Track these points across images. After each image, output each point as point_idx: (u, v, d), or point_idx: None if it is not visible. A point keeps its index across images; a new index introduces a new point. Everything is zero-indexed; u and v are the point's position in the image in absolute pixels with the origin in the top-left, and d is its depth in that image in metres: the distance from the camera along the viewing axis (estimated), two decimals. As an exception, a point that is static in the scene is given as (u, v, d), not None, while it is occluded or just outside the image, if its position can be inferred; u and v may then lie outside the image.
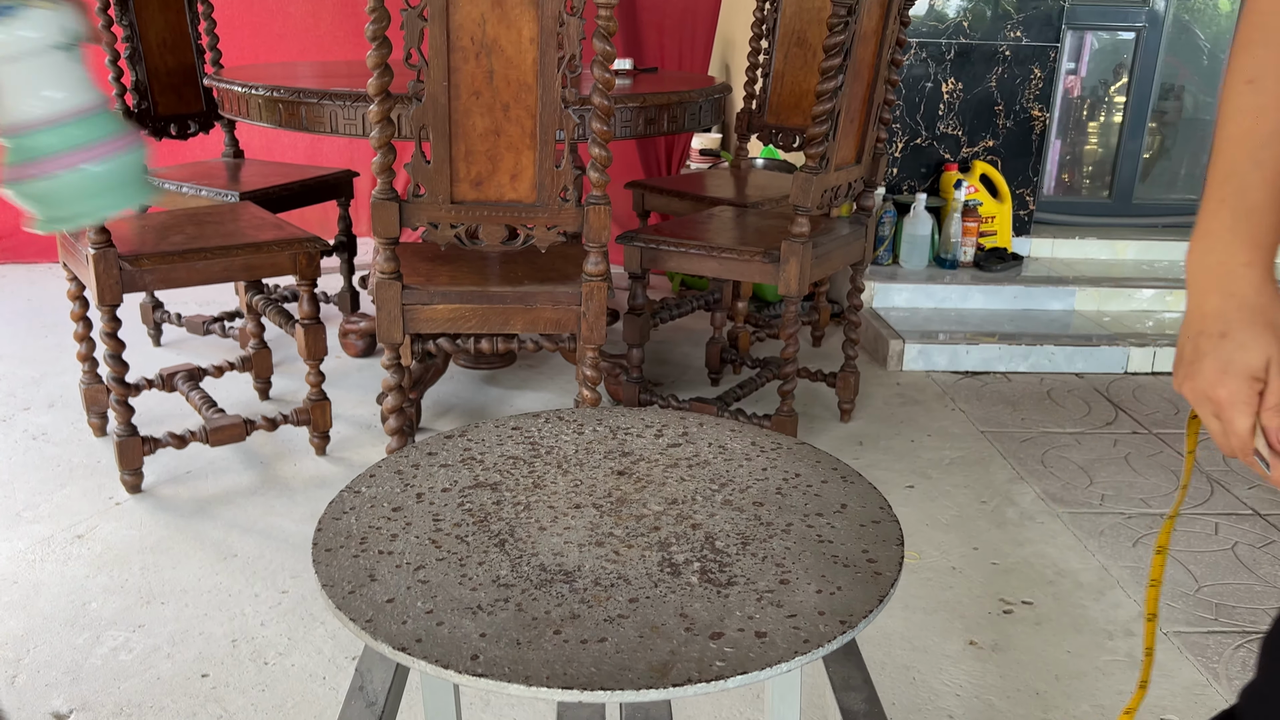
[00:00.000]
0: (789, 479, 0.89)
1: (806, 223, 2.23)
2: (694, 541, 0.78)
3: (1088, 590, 1.98)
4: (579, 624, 0.67)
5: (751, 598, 0.71)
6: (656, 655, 0.64)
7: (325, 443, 2.44)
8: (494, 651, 0.64)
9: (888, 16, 2.29)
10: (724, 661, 0.64)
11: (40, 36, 0.76)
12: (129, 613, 1.82)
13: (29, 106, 0.77)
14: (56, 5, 0.76)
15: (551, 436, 0.97)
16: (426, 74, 1.73)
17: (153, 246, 2.13)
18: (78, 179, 0.79)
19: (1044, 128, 3.66)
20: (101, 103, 0.80)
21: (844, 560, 0.77)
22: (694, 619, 0.68)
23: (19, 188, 0.79)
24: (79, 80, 0.79)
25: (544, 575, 0.73)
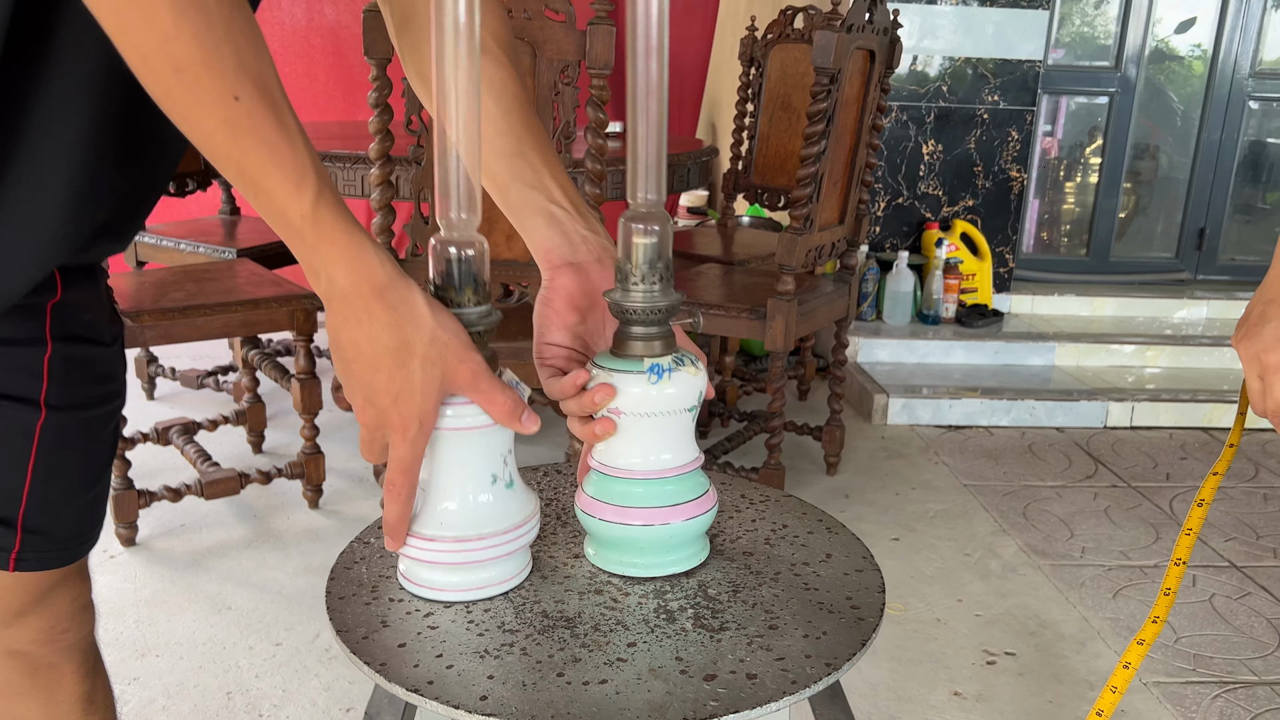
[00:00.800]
0: (776, 530, 0.94)
1: (792, 281, 2.30)
2: (688, 589, 0.82)
3: (1069, 641, 2.02)
4: (580, 667, 0.71)
5: (742, 642, 0.75)
6: (654, 696, 0.68)
7: (318, 496, 2.47)
8: (501, 693, 0.68)
9: (869, 84, 2.38)
10: (717, 701, 0.68)
11: (680, 400, 0.79)
12: (124, 665, 1.84)
13: (638, 458, 0.80)
14: (699, 370, 0.79)
15: (550, 489, 1.01)
16: (426, 139, 1.80)
17: (152, 303, 2.18)
18: (648, 535, 0.80)
19: (1022, 188, 3.76)
20: (697, 462, 0.82)
21: (829, 607, 0.81)
22: (689, 662, 0.73)
23: (590, 521, 0.82)
24: (688, 441, 0.81)
25: (546, 621, 0.77)
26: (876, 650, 1.96)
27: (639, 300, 0.77)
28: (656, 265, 0.77)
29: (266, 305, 2.26)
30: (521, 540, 0.80)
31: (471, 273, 0.75)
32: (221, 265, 2.57)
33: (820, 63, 2.14)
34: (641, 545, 0.82)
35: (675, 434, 0.81)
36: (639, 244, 0.76)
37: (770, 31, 3.13)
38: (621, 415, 0.79)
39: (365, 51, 1.73)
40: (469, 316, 0.75)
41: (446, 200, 0.73)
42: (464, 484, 0.78)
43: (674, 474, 0.81)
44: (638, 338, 0.78)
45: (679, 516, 0.81)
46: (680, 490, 0.81)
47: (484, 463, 0.78)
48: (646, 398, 0.78)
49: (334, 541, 2.31)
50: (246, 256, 2.80)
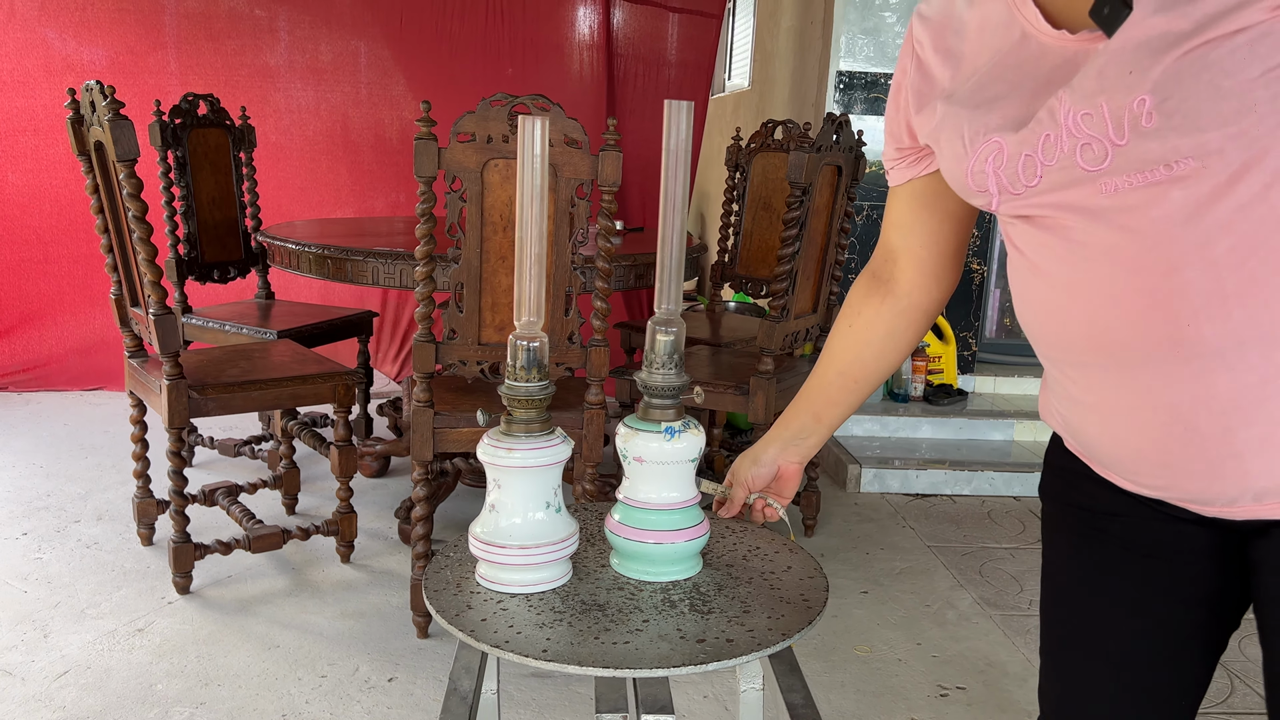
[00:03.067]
0: (751, 550, 1.25)
1: (771, 361, 2.64)
2: (685, 588, 1.14)
3: (1013, 678, 2.32)
4: (610, 634, 1.02)
5: (724, 620, 1.06)
6: (662, 651, 1.00)
7: (350, 551, 2.76)
8: (556, 648, 0.99)
9: (837, 193, 2.76)
10: (705, 655, 0.99)
11: (686, 453, 1.10)
12: (191, 692, 2.12)
13: (654, 494, 1.11)
14: (700, 432, 1.12)
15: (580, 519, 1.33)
16: (463, 242, 2.15)
17: (215, 378, 2.50)
18: (659, 550, 1.11)
19: (983, 279, 4.14)
20: (694, 499, 1.13)
21: (787, 599, 1.13)
22: (685, 632, 1.04)
23: (616, 539, 1.12)
24: (689, 482, 1.13)
25: (584, 606, 1.08)
26: (844, 684, 2.25)
27: (659, 380, 1.09)
28: (673, 356, 1.10)
29: (313, 380, 2.59)
30: (565, 551, 1.11)
31: (536, 358, 1.08)
32: (268, 345, 2.90)
33: (793, 178, 2.51)
34: (653, 557, 1.13)
35: (682, 478, 1.13)
36: (661, 340, 1.09)
37: (753, 141, 3.53)
38: (644, 463, 1.11)
39: (416, 172, 2.08)
40: (532, 389, 1.08)
41: (521, 308, 1.07)
42: (526, 506, 1.10)
43: (679, 507, 1.13)
44: (657, 407, 1.11)
45: (681, 538, 1.13)
46: (684, 519, 1.13)
47: (540, 492, 1.10)
48: (663, 450, 1.10)
49: (366, 591, 2.60)
50: (286, 337, 3.13)
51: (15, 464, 3.42)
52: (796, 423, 1.23)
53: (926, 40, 0.99)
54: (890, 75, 3.92)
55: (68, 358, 4.37)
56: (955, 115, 0.92)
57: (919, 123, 1.00)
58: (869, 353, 1.18)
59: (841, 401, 1.21)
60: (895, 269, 1.15)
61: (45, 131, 4.22)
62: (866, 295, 1.18)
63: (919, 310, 1.16)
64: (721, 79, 6.30)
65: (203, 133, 3.33)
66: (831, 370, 1.20)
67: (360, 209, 4.59)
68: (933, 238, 1.11)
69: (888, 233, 1.16)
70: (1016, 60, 0.88)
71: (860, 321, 1.18)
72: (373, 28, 4.48)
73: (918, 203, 1.10)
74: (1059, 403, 0.99)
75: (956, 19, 0.96)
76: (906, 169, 1.08)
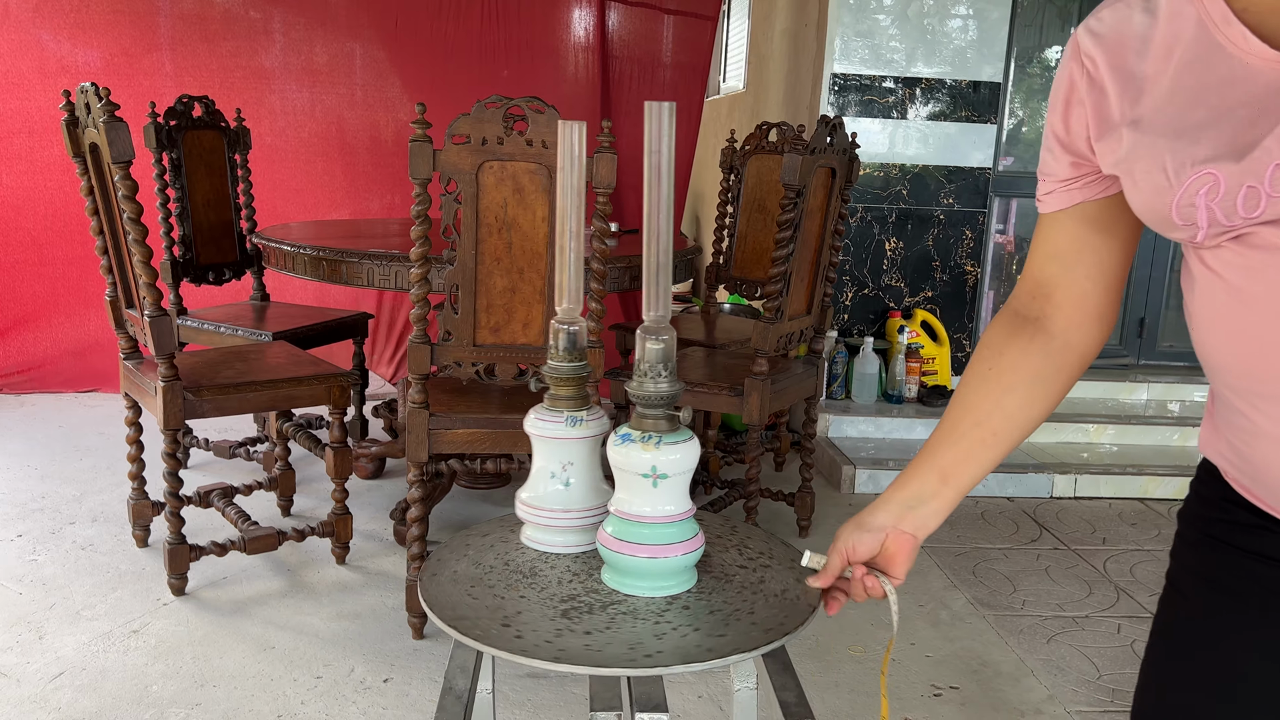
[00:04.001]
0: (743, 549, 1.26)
1: (766, 363, 2.65)
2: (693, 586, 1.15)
3: (1006, 678, 2.33)
4: (605, 634, 1.03)
5: (718, 620, 1.07)
6: (654, 650, 1.00)
7: (345, 553, 2.76)
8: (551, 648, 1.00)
9: (830, 195, 2.77)
10: (699, 654, 1.00)
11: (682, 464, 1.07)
12: (186, 694, 2.12)
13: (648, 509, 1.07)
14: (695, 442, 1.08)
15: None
16: (459, 244, 2.15)
17: (210, 380, 2.51)
18: (652, 565, 1.08)
19: (976, 280, 4.16)
20: (690, 512, 1.10)
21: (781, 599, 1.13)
22: (680, 632, 1.04)
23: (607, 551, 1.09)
24: (684, 496, 1.09)
25: (579, 607, 1.08)
26: (838, 684, 2.26)
27: (651, 389, 1.08)
28: (666, 364, 1.08)
29: (308, 382, 2.59)
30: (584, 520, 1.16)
31: (574, 340, 1.11)
32: (263, 346, 2.90)
33: (787, 180, 2.52)
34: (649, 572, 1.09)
35: (677, 489, 1.09)
36: (651, 348, 1.06)
37: (748, 143, 3.54)
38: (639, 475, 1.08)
39: (411, 174, 2.09)
40: (566, 369, 1.11)
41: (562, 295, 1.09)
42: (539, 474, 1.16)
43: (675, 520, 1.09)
44: (649, 417, 1.09)
45: (677, 552, 1.09)
46: (679, 533, 1.09)
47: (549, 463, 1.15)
48: (657, 462, 1.07)
49: (361, 592, 2.60)
50: (281, 338, 3.13)
51: (10, 466, 3.42)
52: (916, 483, 1.04)
53: (1100, 58, 0.89)
54: (885, 78, 3.94)
55: (62, 359, 4.37)
56: (1152, 145, 0.84)
57: (1101, 151, 0.91)
58: (1013, 401, 1.02)
59: (975, 458, 1.03)
60: (1049, 306, 1.01)
61: (40, 133, 4.22)
62: (1010, 335, 1.03)
63: (1074, 354, 1.02)
64: (716, 81, 6.32)
65: (197, 134, 3.33)
66: (966, 420, 1.02)
67: (355, 211, 4.60)
68: (1101, 269, 0.99)
69: (1042, 265, 1.02)
70: (1217, 83, 0.81)
71: (1003, 364, 1.02)
72: (368, 29, 4.48)
73: (1089, 228, 0.98)
74: (1235, 436, 0.89)
75: (1136, 37, 0.87)
76: (1078, 191, 0.96)
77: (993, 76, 3.99)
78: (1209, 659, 0.95)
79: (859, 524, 1.07)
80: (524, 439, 2.32)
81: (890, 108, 3.97)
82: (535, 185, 2.14)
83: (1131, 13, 0.88)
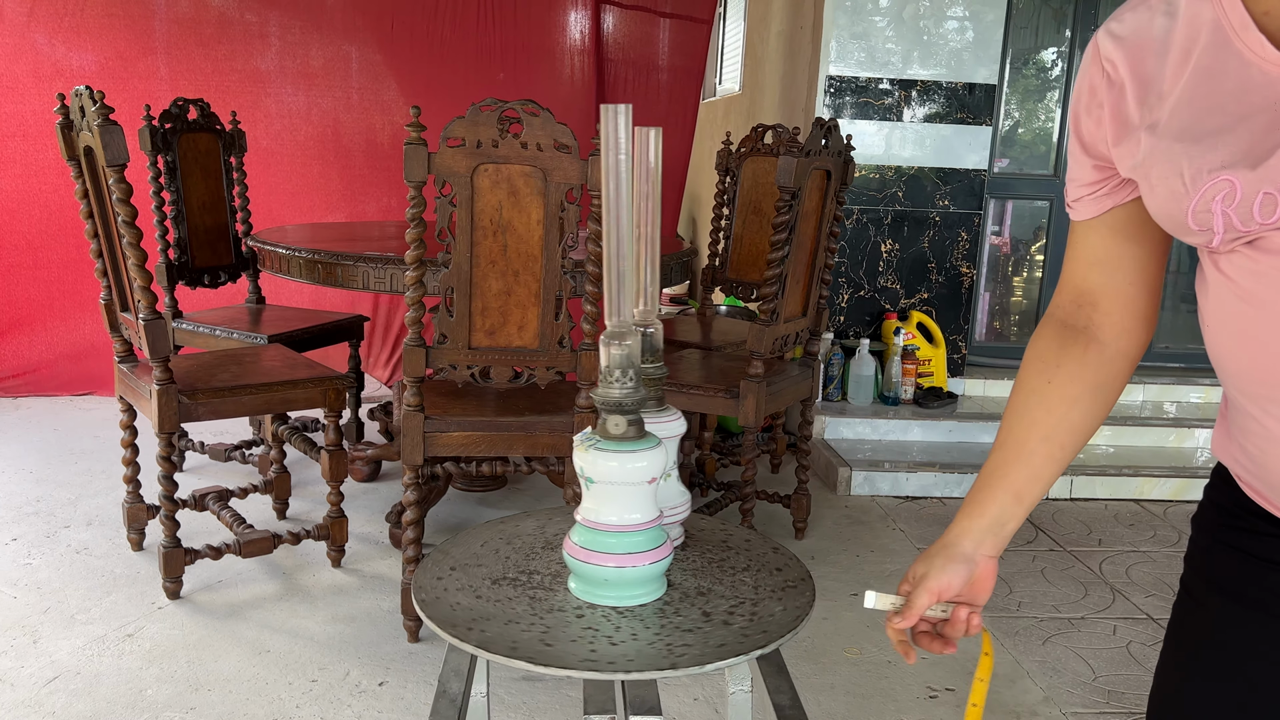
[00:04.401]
0: (738, 550, 1.26)
1: (761, 365, 2.65)
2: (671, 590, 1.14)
3: (1002, 679, 2.33)
4: (598, 637, 1.03)
5: (712, 623, 1.07)
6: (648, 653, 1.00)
7: (341, 556, 2.76)
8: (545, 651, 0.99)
9: (826, 197, 2.77)
10: (692, 658, 1.00)
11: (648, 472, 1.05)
12: (181, 698, 2.11)
13: (616, 517, 1.05)
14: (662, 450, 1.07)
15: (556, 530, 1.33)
16: (454, 247, 2.15)
17: (205, 383, 2.50)
18: (621, 574, 1.05)
19: (972, 282, 4.16)
20: (658, 519, 1.08)
21: (775, 602, 1.13)
22: (673, 635, 1.04)
23: (574, 563, 1.07)
24: (652, 504, 1.07)
25: (571, 609, 1.08)
26: (834, 686, 2.26)
27: (615, 395, 1.05)
28: (628, 370, 1.04)
29: (303, 385, 2.59)
30: None
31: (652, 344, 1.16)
32: (259, 349, 2.90)
33: (783, 182, 2.52)
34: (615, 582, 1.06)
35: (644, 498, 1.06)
36: (615, 354, 1.04)
37: (743, 146, 3.54)
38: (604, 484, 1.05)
39: (406, 177, 2.09)
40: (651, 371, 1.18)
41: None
42: None
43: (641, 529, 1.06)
44: (615, 424, 1.06)
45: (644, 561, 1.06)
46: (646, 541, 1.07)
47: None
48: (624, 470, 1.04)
49: (357, 595, 2.60)
50: (277, 341, 3.13)
51: (4, 469, 3.41)
52: (994, 506, 1.02)
53: (1121, 61, 0.89)
54: (880, 80, 3.94)
55: (58, 363, 4.36)
56: (1168, 150, 0.84)
57: (1119, 154, 0.91)
58: (1077, 413, 1.01)
59: (1045, 474, 1.02)
60: (1095, 313, 1.01)
61: (35, 137, 4.22)
62: (1063, 346, 1.02)
63: (1126, 359, 1.01)
64: (712, 83, 6.32)
65: (193, 137, 3.33)
66: (1034, 437, 1.01)
67: (352, 214, 4.59)
68: (1141, 273, 0.99)
69: (1083, 273, 1.01)
70: (1236, 90, 0.81)
71: (1061, 376, 1.01)
72: (364, 32, 4.48)
73: (1122, 234, 0.97)
74: (1248, 441, 0.89)
75: (1156, 41, 0.86)
76: (1106, 197, 0.96)
77: (988, 78, 3.99)
78: (1222, 666, 0.94)
79: (947, 557, 1.02)
80: (519, 442, 2.33)
81: (886, 110, 3.97)
82: (530, 188, 2.14)
83: (1153, 16, 0.87)
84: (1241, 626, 0.92)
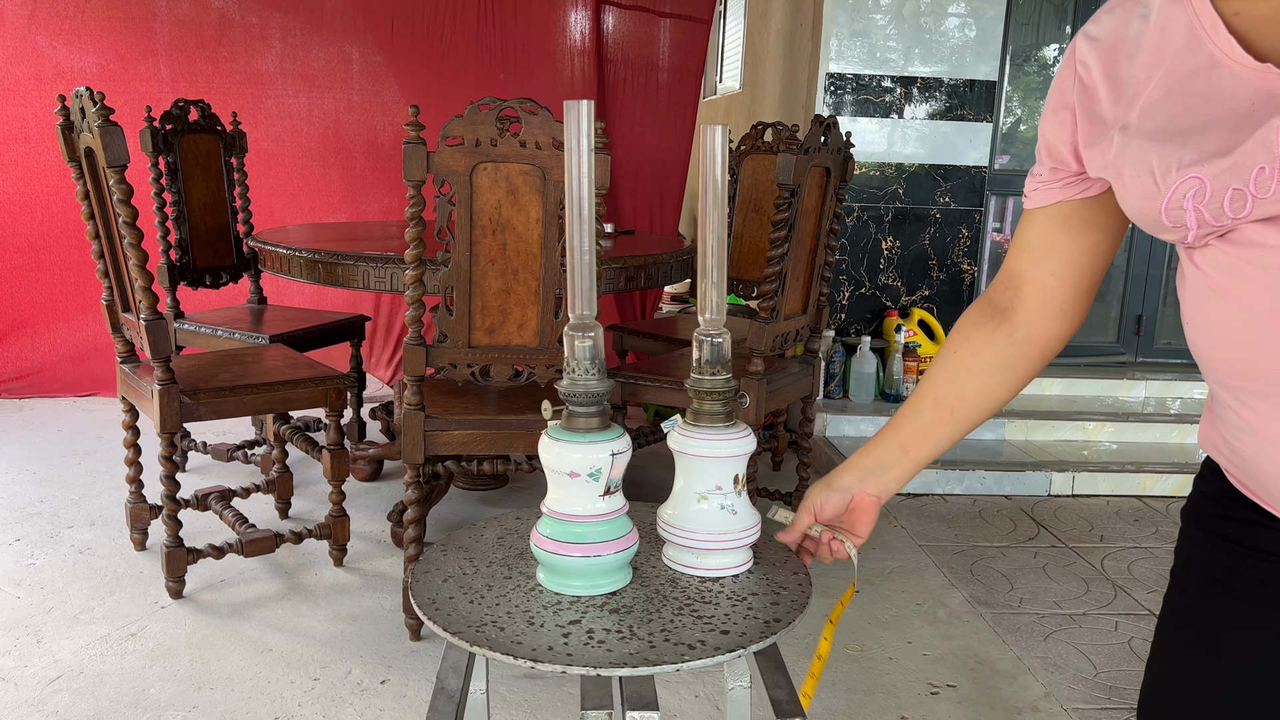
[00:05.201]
0: (736, 548, 1.26)
1: (761, 363, 2.65)
2: (669, 586, 1.15)
3: (1003, 675, 2.33)
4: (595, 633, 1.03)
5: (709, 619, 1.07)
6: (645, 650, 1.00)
7: (343, 555, 2.76)
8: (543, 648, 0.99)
9: (825, 195, 2.77)
10: (690, 653, 1.00)
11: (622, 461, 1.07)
12: (184, 696, 2.12)
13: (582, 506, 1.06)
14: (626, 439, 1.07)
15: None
16: (453, 246, 2.15)
17: (206, 383, 2.51)
18: (588, 564, 1.07)
19: (973, 279, 4.16)
20: (623, 509, 1.09)
21: (772, 597, 1.14)
22: (670, 631, 1.04)
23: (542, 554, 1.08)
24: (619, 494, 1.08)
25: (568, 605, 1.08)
26: (836, 682, 2.26)
27: (580, 388, 1.05)
28: (594, 361, 1.05)
29: (304, 385, 2.59)
30: None
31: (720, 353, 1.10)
32: (260, 349, 2.90)
33: (782, 180, 2.52)
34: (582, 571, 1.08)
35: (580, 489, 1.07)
36: (580, 346, 1.04)
37: (744, 144, 3.54)
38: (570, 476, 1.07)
39: (405, 176, 2.09)
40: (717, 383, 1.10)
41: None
42: None
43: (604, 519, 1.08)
44: (579, 415, 1.06)
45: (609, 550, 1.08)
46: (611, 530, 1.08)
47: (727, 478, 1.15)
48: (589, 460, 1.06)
49: (359, 594, 2.60)
50: (278, 341, 3.13)
51: (8, 470, 3.42)
52: (879, 451, 1.12)
53: (1094, 63, 0.91)
54: (881, 77, 3.94)
55: (61, 364, 4.37)
56: (1140, 149, 0.85)
57: (1090, 155, 0.92)
58: (972, 385, 1.08)
59: (933, 434, 1.10)
60: (1016, 298, 1.06)
61: (36, 139, 4.23)
62: (978, 323, 1.09)
63: (1034, 346, 1.06)
64: (713, 81, 6.32)
65: (194, 138, 3.34)
66: (927, 398, 1.10)
67: (353, 214, 4.60)
68: (1068, 269, 1.02)
69: (1015, 258, 1.06)
70: (1206, 91, 0.82)
71: (966, 349, 1.08)
72: (365, 33, 4.48)
73: (1060, 228, 1.01)
74: (1229, 433, 0.91)
75: (1129, 42, 0.88)
76: (1058, 190, 0.99)
77: (989, 75, 3.99)
78: (1213, 654, 0.95)
79: (827, 484, 1.13)
80: (520, 440, 2.33)
81: (887, 107, 3.97)
82: (529, 186, 2.14)
83: (1129, 18, 0.89)
84: (1231, 615, 0.93)
